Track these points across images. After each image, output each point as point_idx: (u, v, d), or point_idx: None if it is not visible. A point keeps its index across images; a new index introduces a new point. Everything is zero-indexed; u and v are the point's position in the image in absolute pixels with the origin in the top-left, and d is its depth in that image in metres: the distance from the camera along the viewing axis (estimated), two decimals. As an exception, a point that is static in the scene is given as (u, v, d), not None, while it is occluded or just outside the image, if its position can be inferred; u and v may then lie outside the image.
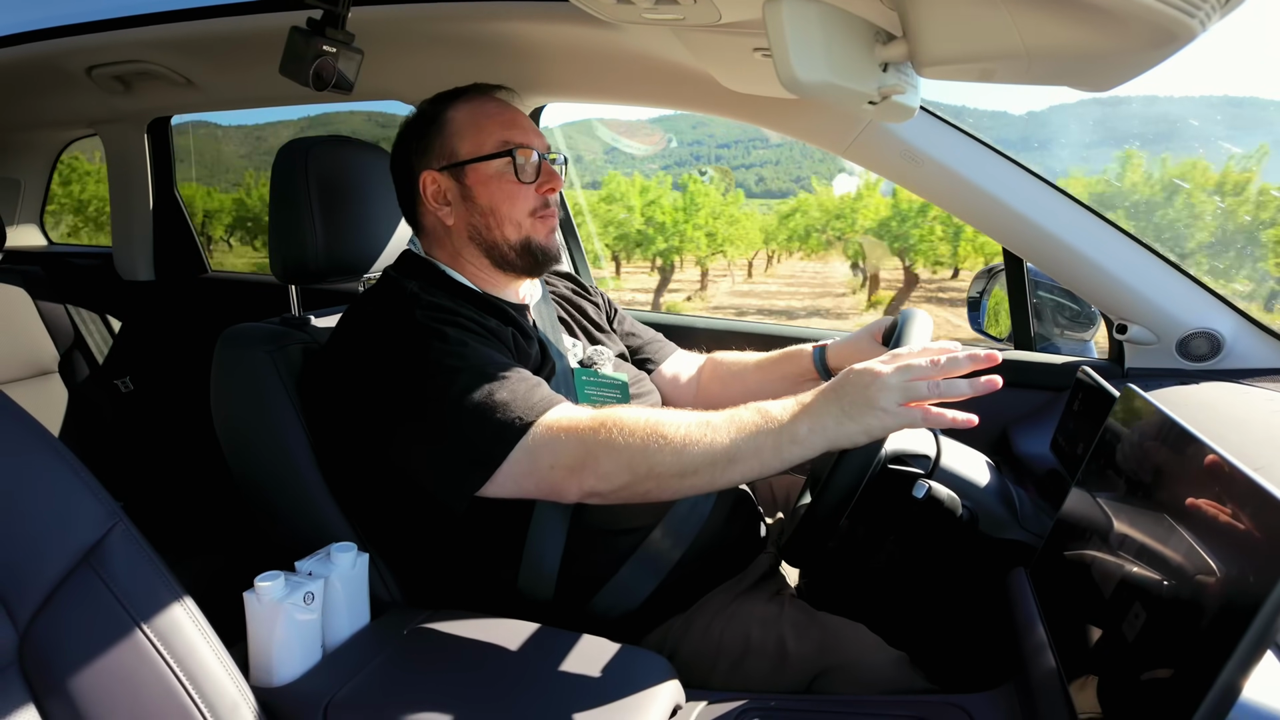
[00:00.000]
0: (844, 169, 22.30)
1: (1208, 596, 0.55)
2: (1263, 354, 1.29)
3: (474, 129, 1.08)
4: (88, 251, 2.74)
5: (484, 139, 1.07)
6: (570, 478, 0.86)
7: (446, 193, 1.09)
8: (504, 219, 1.07)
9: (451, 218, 1.10)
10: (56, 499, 0.68)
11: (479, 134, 1.08)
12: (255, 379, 1.04)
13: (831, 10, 0.79)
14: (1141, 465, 0.74)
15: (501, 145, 1.07)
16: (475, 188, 1.08)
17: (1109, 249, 1.30)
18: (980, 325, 1.65)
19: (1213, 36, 0.70)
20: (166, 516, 1.81)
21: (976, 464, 1.03)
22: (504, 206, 1.07)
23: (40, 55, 1.84)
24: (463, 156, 1.08)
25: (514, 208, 1.07)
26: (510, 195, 1.07)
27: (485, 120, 1.09)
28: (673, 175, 21.82)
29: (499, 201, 1.07)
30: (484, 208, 1.08)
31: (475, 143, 1.08)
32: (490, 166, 1.07)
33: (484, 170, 1.07)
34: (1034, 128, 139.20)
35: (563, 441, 0.86)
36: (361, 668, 0.83)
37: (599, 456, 0.84)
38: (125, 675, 0.66)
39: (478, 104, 1.11)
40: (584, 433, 0.86)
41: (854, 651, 0.94)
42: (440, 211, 1.10)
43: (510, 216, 1.07)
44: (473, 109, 1.10)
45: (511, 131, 1.08)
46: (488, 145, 1.07)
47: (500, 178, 1.07)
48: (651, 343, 1.39)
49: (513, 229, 1.08)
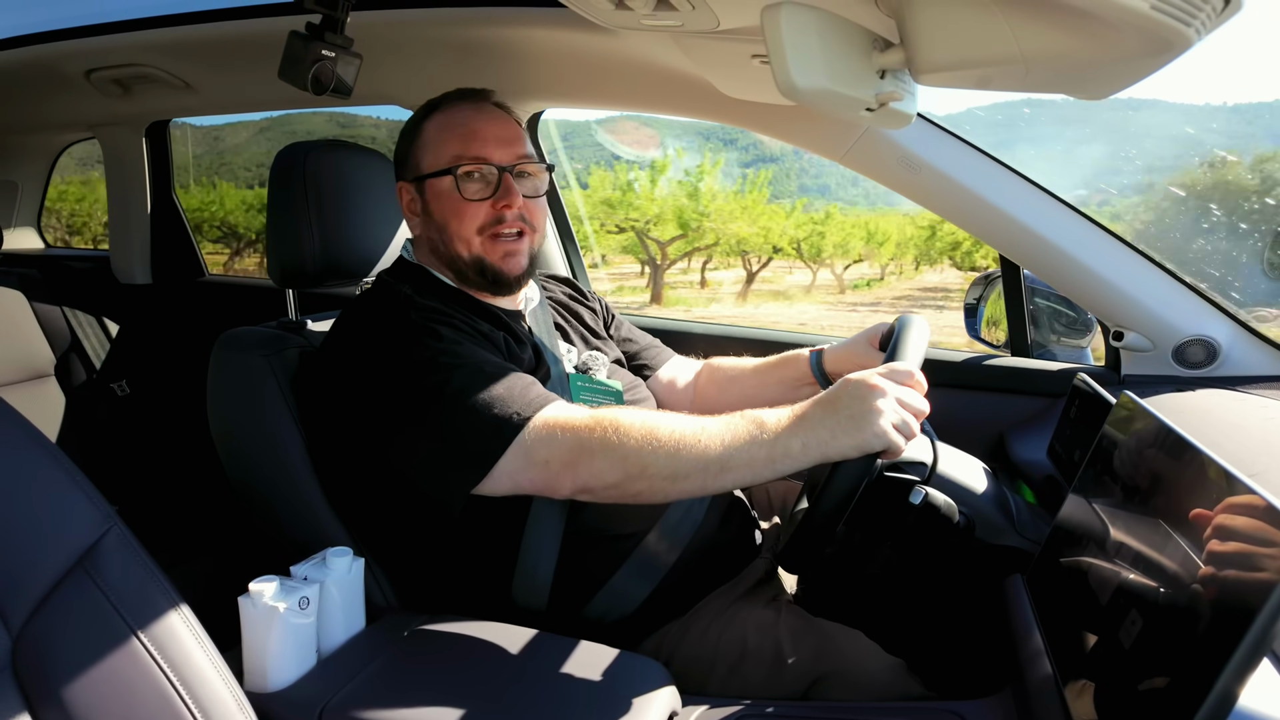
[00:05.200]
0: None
1: (1204, 604, 0.55)
2: (1258, 361, 1.29)
3: (435, 142, 1.07)
4: (85, 255, 2.73)
5: (441, 152, 1.06)
6: (564, 472, 0.86)
7: (415, 204, 1.10)
8: (453, 236, 1.06)
9: (419, 229, 1.10)
10: (51, 502, 0.68)
11: (438, 147, 1.06)
12: (252, 383, 1.04)
13: (829, 17, 0.79)
14: (1138, 472, 0.74)
15: (451, 160, 1.04)
16: (431, 202, 1.07)
17: (1105, 256, 1.30)
18: (977, 332, 1.65)
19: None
20: (162, 520, 1.80)
21: (973, 470, 1.04)
22: (452, 223, 1.05)
23: (39, 58, 1.84)
24: (424, 170, 1.07)
25: (461, 225, 1.05)
26: (457, 212, 1.05)
27: (447, 133, 1.07)
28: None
29: (448, 218, 1.06)
30: (438, 223, 1.07)
31: (433, 156, 1.06)
32: (443, 182, 1.05)
33: (438, 185, 1.06)
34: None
35: (559, 437, 0.86)
36: (357, 673, 0.83)
37: (594, 453, 0.84)
38: (119, 680, 0.65)
39: (450, 114, 1.09)
40: (580, 429, 0.86)
41: (851, 658, 0.93)
42: (411, 222, 1.11)
43: (459, 234, 1.05)
44: (443, 120, 1.08)
45: (468, 144, 1.05)
46: (441, 159, 1.05)
47: (448, 194, 1.05)
48: (649, 348, 1.39)
49: (462, 246, 1.06)
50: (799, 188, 41.16)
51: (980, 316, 1.64)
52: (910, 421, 0.83)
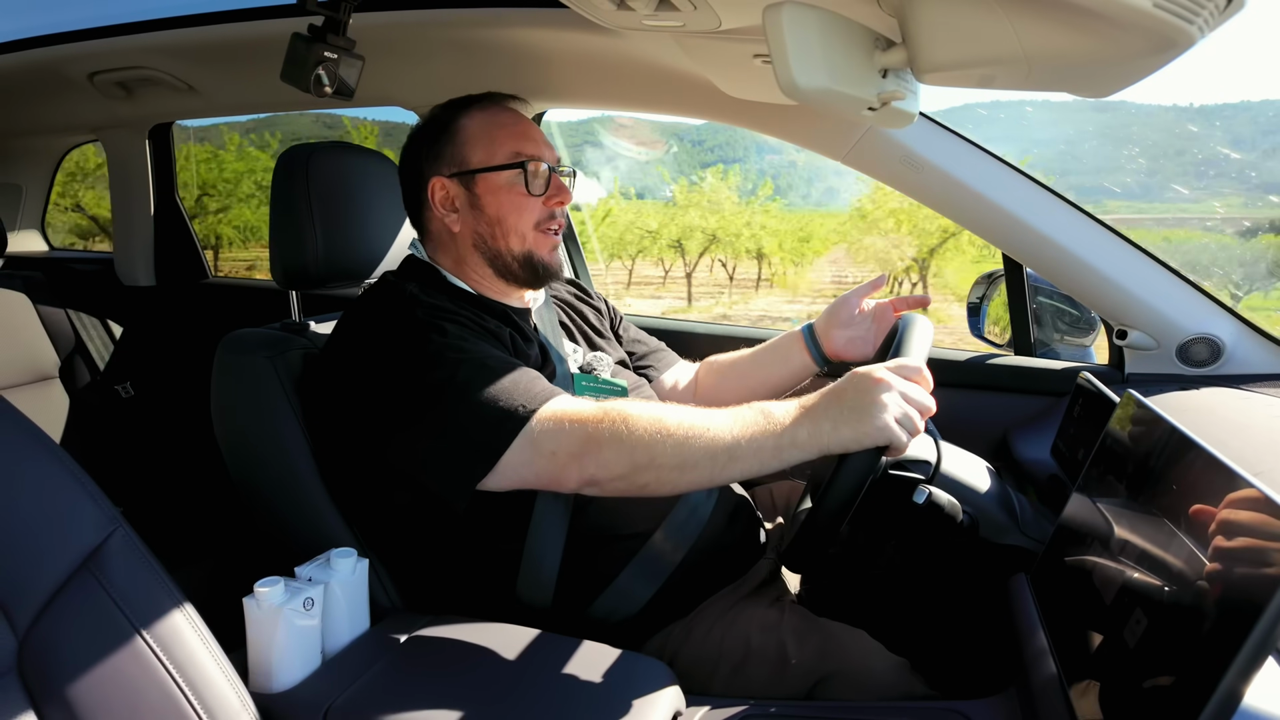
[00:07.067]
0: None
1: (1209, 603, 0.55)
2: (1263, 359, 1.29)
3: (486, 138, 1.09)
4: (89, 257, 2.74)
5: (496, 149, 1.08)
6: (571, 464, 0.86)
7: (455, 199, 1.10)
8: (510, 230, 1.08)
9: (458, 225, 1.10)
10: (56, 504, 0.68)
11: (491, 144, 1.08)
12: (256, 384, 1.04)
13: (831, 17, 0.79)
14: (1142, 471, 0.74)
15: (513, 156, 1.07)
16: (484, 196, 1.08)
17: (1109, 254, 1.30)
18: (980, 331, 1.65)
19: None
20: (167, 522, 1.81)
21: (977, 469, 1.03)
22: (511, 217, 1.08)
23: (43, 61, 1.84)
24: (474, 165, 1.08)
25: (520, 219, 1.08)
26: (518, 207, 1.08)
27: (498, 130, 1.09)
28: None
29: (506, 212, 1.08)
30: (491, 217, 1.08)
31: (487, 152, 1.08)
32: (501, 177, 1.08)
33: (494, 180, 1.08)
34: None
35: (566, 429, 0.86)
36: (361, 674, 0.83)
37: (601, 444, 0.85)
38: (124, 681, 0.66)
39: (491, 113, 1.11)
40: (587, 421, 0.86)
41: (855, 657, 0.93)
42: (447, 218, 1.10)
43: (516, 228, 1.08)
44: (486, 118, 1.11)
45: (524, 143, 1.08)
46: (500, 155, 1.08)
47: (510, 189, 1.08)
48: (656, 352, 1.39)
49: (517, 240, 1.09)
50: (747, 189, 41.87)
51: (984, 315, 1.64)
52: (914, 416, 0.83)
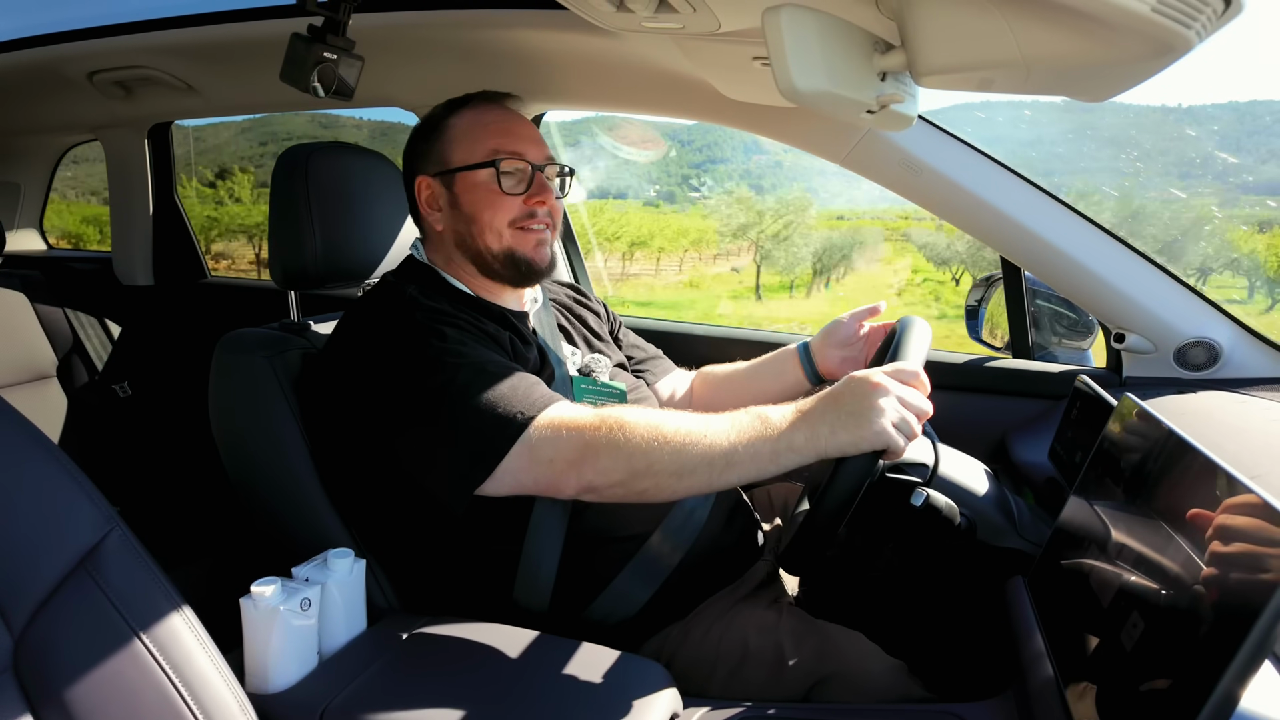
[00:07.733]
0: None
1: (1205, 606, 0.55)
2: (1260, 363, 1.29)
3: (469, 137, 1.09)
4: (87, 256, 2.74)
5: (475, 147, 1.08)
6: (569, 471, 0.86)
7: (438, 198, 1.10)
8: (484, 227, 1.08)
9: (441, 223, 1.11)
10: (53, 504, 0.68)
11: (472, 142, 1.08)
12: (254, 384, 1.04)
13: (830, 19, 0.79)
14: (1139, 474, 0.74)
15: (489, 154, 1.07)
16: (462, 195, 1.08)
17: (1107, 258, 1.30)
18: (978, 334, 1.65)
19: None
20: (164, 522, 1.80)
21: (975, 472, 1.04)
22: (485, 215, 1.07)
23: (42, 60, 1.84)
24: (454, 164, 1.09)
25: (495, 217, 1.07)
26: (492, 204, 1.07)
27: (481, 129, 1.09)
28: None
29: (481, 209, 1.07)
30: (468, 215, 1.08)
31: (467, 150, 1.08)
32: (478, 175, 1.07)
33: (471, 178, 1.08)
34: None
35: (564, 437, 0.86)
36: (358, 674, 0.83)
37: (599, 452, 0.85)
38: (121, 681, 0.65)
39: (480, 112, 1.11)
40: (585, 428, 0.86)
41: (852, 660, 0.93)
42: (431, 217, 1.11)
43: (491, 225, 1.07)
44: (474, 117, 1.11)
45: (504, 140, 1.08)
46: (477, 154, 1.08)
47: (485, 187, 1.07)
48: (652, 359, 1.39)
49: (494, 238, 1.08)
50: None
51: (981, 318, 1.64)
52: (911, 420, 0.83)
